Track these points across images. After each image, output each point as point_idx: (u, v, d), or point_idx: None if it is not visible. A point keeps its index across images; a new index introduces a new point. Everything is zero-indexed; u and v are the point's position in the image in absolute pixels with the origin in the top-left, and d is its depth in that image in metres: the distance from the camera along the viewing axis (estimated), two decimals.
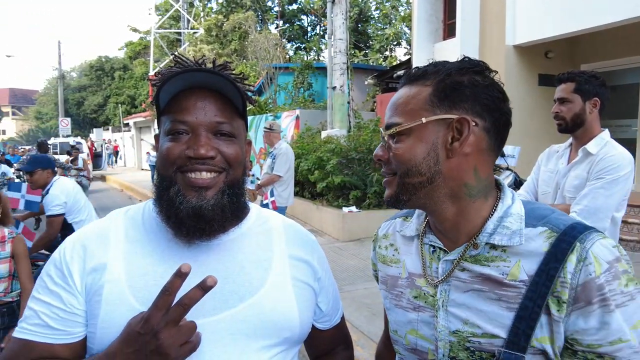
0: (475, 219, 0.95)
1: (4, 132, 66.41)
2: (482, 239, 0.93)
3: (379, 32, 26.41)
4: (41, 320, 0.95)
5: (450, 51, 10.05)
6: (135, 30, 40.17)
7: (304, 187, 9.28)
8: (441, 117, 0.91)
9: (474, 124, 0.91)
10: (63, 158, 14.85)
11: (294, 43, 32.48)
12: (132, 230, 1.04)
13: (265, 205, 6.08)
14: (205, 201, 0.95)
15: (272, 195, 6.04)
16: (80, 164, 12.36)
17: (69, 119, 29.36)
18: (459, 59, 0.96)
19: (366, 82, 14.76)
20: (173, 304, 0.82)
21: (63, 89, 33.59)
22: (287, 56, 24.09)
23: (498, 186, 1.00)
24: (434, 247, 1.02)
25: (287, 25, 31.35)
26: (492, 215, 0.95)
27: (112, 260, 0.98)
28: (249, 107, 7.03)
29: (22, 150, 24.25)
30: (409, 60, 12.46)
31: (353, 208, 7.84)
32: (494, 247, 0.93)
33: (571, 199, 2.40)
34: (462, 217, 0.95)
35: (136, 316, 0.85)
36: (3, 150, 22.60)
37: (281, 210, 6.13)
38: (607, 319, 0.83)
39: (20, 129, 60.33)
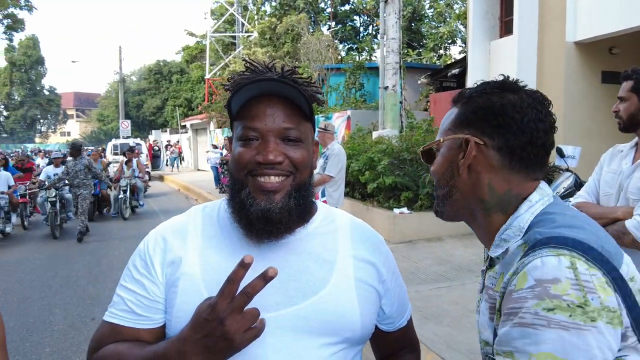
0: (491, 232, 1.01)
1: (68, 134, 70.06)
2: (489, 251, 1.03)
3: (433, 31, 25.95)
4: (127, 306, 1.05)
5: (507, 49, 9.74)
6: (191, 34, 41.44)
7: (354, 188, 9.26)
8: (454, 137, 1.04)
9: (482, 143, 0.98)
10: (120, 159, 15.33)
11: (346, 44, 32.47)
12: (208, 226, 1.12)
13: None
14: (273, 204, 1.01)
15: (323, 195, 6.06)
16: (134, 165, 12.37)
17: (129, 121, 30.59)
18: (492, 80, 1.06)
19: (419, 82, 14.55)
20: (237, 292, 0.85)
21: (123, 92, 35.03)
22: (339, 57, 24.10)
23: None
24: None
25: (340, 26, 31.36)
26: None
27: (188, 254, 1.06)
28: None
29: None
30: (464, 59, 12.18)
31: (404, 209, 7.74)
32: (494, 258, 1.02)
33: (635, 201, 2.26)
34: (482, 229, 1.04)
35: (203, 303, 0.89)
36: (65, 151, 23.81)
37: None
38: (508, 331, 0.83)
39: (83, 131, 63.55)
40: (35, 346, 4.57)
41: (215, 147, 18.55)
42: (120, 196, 11.69)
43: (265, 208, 1.00)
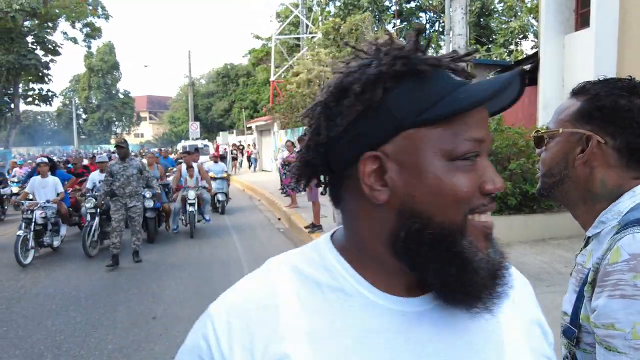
0: (593, 216, 1.06)
1: (142, 135, 73.59)
2: (587, 232, 1.09)
3: (503, 26, 24.94)
4: None
5: (584, 43, 9.10)
6: (257, 37, 42.24)
7: None
8: (575, 131, 1.05)
9: (603, 142, 1.02)
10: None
11: None
12: (308, 294, 0.68)
13: None
14: (503, 257, 0.68)
15: None
16: (196, 171, 10.34)
17: (198, 123, 31.62)
18: (619, 80, 1.05)
19: (488, 78, 13.96)
20: None
21: (193, 95, 36.23)
22: None
23: None
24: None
25: (405, 23, 30.85)
26: None
27: (295, 349, 0.64)
28: None
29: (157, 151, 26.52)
30: (536, 54, 11.53)
31: None
32: (589, 238, 1.09)
33: None
34: (584, 215, 1.09)
35: None
36: (139, 150, 24.71)
37: None
38: (607, 303, 0.87)
39: (155, 132, 66.49)
40: (99, 342, 4.67)
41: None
42: (189, 210, 9.72)
43: (498, 263, 0.67)
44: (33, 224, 7.89)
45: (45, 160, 9.29)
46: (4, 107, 40.94)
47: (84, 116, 64.74)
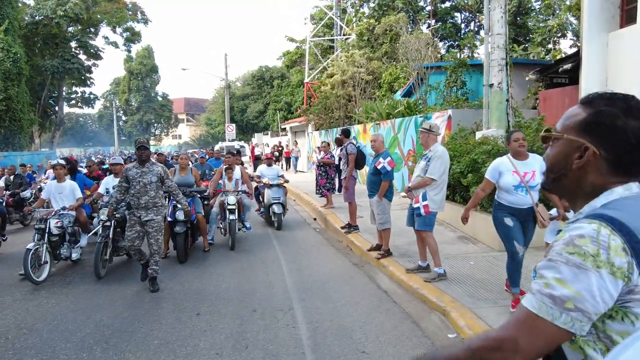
0: (580, 208, 1.26)
1: (179, 137, 75.02)
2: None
3: (541, 24, 24.35)
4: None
5: (630, 40, 8.83)
6: (292, 40, 42.52)
7: (455, 191, 8.86)
8: (576, 139, 1.23)
9: (598, 153, 1.20)
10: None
11: (446, 42, 31.52)
12: None
13: (417, 209, 5.90)
14: None
15: (424, 199, 5.82)
16: (237, 174, 9.34)
17: (234, 125, 32.09)
18: (621, 99, 1.21)
19: (527, 78, 13.66)
20: None
21: (229, 97, 36.73)
22: (439, 55, 23.39)
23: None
24: None
25: (440, 23, 30.51)
26: None
27: None
28: (397, 109, 6.69)
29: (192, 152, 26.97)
30: (577, 53, 11.23)
31: None
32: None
33: None
34: (576, 207, 1.29)
35: None
36: (177, 151, 25.05)
37: (433, 215, 5.89)
38: (540, 264, 1.16)
39: (192, 134, 67.69)
40: (145, 337, 4.81)
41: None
42: (230, 218, 8.67)
43: None
44: (47, 234, 7.03)
45: (62, 162, 8.28)
46: (49, 110, 42.45)
47: (124, 118, 66.55)
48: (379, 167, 6.90)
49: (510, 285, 4.99)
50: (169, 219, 7.57)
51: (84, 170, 13.07)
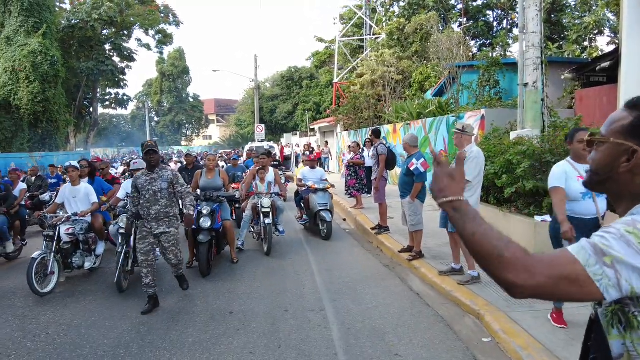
0: (628, 210, 1.24)
1: (210, 137, 76.00)
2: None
3: (577, 22, 23.72)
4: None
5: None
6: (321, 40, 42.54)
7: (489, 192, 8.70)
8: (623, 143, 1.25)
9: None
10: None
11: (477, 40, 31.03)
12: None
13: None
14: None
15: None
16: (270, 176, 8.83)
17: (263, 125, 32.31)
18: None
19: (562, 77, 13.33)
20: None
21: (258, 98, 37.02)
22: (471, 54, 23.05)
23: None
24: None
25: (471, 22, 30.06)
26: None
27: None
28: (429, 108, 6.54)
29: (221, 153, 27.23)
30: (616, 50, 10.90)
31: (547, 217, 7.06)
32: None
33: None
34: (622, 208, 1.29)
35: None
36: (208, 152, 25.29)
37: None
38: (597, 234, 1.18)
39: (222, 134, 68.45)
40: (180, 335, 4.88)
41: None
42: (266, 222, 8.14)
43: None
44: (55, 242, 6.50)
45: (75, 164, 7.61)
46: (84, 111, 43.58)
47: (156, 119, 67.80)
48: (412, 168, 6.84)
49: None
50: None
51: (120, 170, 13.11)
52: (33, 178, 13.04)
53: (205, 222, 7.00)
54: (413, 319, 5.05)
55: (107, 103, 51.48)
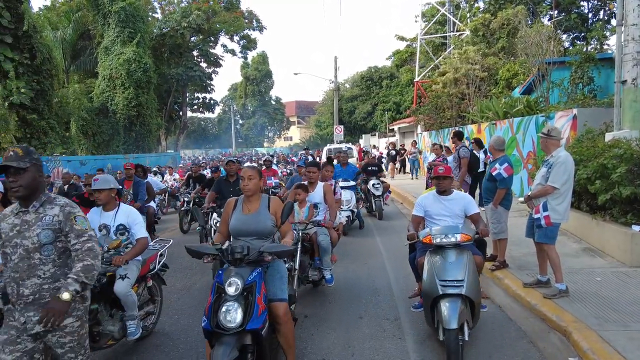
0: None
1: (291, 139, 77.55)
2: None
3: None
4: None
5: None
6: (402, 38, 42.00)
7: (581, 198, 8.12)
8: None
9: None
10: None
11: (570, 34, 29.16)
12: None
13: (537, 220, 5.49)
14: None
15: (545, 209, 5.40)
16: (317, 197, 6.31)
17: (342, 126, 32.42)
18: None
19: None
20: None
21: (338, 99, 37.22)
22: (562, 49, 21.69)
23: None
24: None
25: (563, 14, 28.29)
26: None
27: None
28: (516, 107, 6.27)
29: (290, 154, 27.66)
30: None
31: None
32: None
33: None
34: None
35: None
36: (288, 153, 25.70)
37: (555, 227, 5.43)
38: None
39: (303, 136, 69.60)
40: None
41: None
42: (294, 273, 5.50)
43: None
44: None
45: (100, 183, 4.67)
46: (174, 115, 46.10)
47: (240, 121, 70.35)
48: (494, 173, 6.54)
49: None
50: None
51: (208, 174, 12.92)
52: (66, 186, 10.62)
53: (231, 316, 3.27)
54: (494, 333, 4.80)
55: (196, 107, 54.11)
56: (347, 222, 9.83)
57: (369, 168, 12.32)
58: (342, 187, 9.41)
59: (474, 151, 10.05)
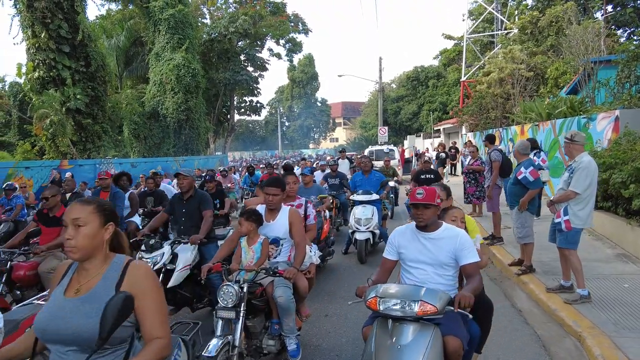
0: None
1: (336, 140, 77.84)
2: None
3: None
4: None
5: None
6: (449, 37, 41.47)
7: (617, 203, 7.90)
8: None
9: None
10: (379, 164, 15.39)
11: (626, 29, 27.91)
12: None
13: (557, 224, 5.46)
14: None
15: (565, 214, 5.37)
16: (277, 227, 4.48)
17: (386, 128, 32.32)
18: None
19: None
20: None
21: (383, 100, 37.13)
22: (617, 46, 20.80)
23: None
24: None
25: (618, 9, 27.12)
26: None
27: None
28: (560, 108, 6.22)
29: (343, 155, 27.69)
30: None
31: None
32: None
33: None
34: None
35: None
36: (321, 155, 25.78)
37: (576, 232, 5.38)
38: None
39: (348, 137, 69.73)
40: None
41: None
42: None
43: None
44: None
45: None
46: (222, 118, 47.28)
47: (287, 124, 71.24)
48: (519, 177, 6.50)
49: None
50: None
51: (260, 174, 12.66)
52: (68, 195, 9.53)
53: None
54: (506, 337, 4.82)
55: (243, 110, 55.25)
56: (367, 245, 8.29)
57: (423, 176, 9.17)
58: (359, 202, 8.49)
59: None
